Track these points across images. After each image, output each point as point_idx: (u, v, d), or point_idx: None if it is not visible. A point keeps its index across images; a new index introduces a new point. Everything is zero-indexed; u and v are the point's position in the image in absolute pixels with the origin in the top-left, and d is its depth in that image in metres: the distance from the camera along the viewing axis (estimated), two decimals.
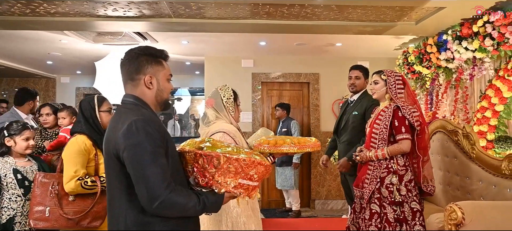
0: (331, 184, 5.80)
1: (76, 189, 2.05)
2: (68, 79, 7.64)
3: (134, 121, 1.26)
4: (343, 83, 5.64)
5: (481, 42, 3.35)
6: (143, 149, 1.23)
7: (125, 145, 1.24)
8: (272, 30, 3.94)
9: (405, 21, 3.70)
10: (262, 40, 4.78)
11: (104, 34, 4.30)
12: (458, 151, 2.94)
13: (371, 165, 2.42)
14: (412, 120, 2.34)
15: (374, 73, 2.55)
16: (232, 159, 1.32)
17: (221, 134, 1.99)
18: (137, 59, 1.39)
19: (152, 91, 1.40)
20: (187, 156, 1.38)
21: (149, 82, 1.38)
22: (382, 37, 4.46)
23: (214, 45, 5.03)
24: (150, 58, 1.40)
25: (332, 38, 4.60)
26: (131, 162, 1.24)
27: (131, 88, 1.40)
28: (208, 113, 2.13)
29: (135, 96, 1.39)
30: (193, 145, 1.45)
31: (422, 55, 4.38)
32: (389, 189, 2.35)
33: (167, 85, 1.44)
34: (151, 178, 1.21)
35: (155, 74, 1.39)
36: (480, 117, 3.73)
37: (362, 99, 3.18)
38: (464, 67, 3.91)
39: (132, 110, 1.33)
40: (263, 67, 5.82)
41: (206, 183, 1.35)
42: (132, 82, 1.39)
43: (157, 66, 1.40)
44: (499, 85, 3.47)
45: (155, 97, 1.41)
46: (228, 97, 2.15)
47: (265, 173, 1.43)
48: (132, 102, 1.38)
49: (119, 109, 1.42)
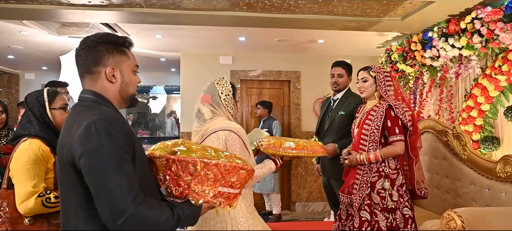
0: (312, 186, 5.63)
1: (35, 208, 1.64)
2: (33, 75, 7.14)
3: (93, 121, 1.06)
4: (324, 82, 5.48)
5: (469, 39, 3.23)
6: (104, 155, 1.04)
7: (82, 150, 1.05)
8: (253, 23, 3.71)
9: (391, 17, 3.55)
10: (242, 35, 4.54)
11: (69, 25, 3.94)
12: (447, 152, 2.81)
13: (361, 169, 2.22)
14: (405, 120, 2.18)
15: (361, 69, 2.35)
16: (211, 164, 1.16)
17: (227, 133, 1.78)
18: (95, 49, 1.18)
19: (115, 85, 1.21)
20: (158, 162, 1.20)
21: (111, 75, 1.19)
22: (365, 34, 4.33)
23: (191, 40, 4.75)
24: (111, 47, 1.20)
25: (314, 34, 4.42)
26: (90, 171, 1.04)
27: (89, 83, 1.20)
28: (204, 110, 1.90)
29: (94, 92, 1.19)
30: (164, 149, 1.25)
31: (406, 53, 4.26)
32: (381, 194, 2.16)
33: (133, 78, 1.25)
34: (115, 190, 1.02)
35: (117, 65, 1.21)
36: (466, 117, 3.64)
37: (347, 98, 2.99)
38: (450, 65, 3.81)
39: (91, 108, 1.14)
40: (242, 64, 5.58)
41: (181, 193, 1.17)
42: (91, 76, 1.20)
43: (119, 56, 1.21)
44: (486, 84, 3.37)
45: (119, 93, 1.22)
46: (226, 93, 1.92)
47: (247, 179, 1.27)
48: (91, 99, 1.19)
49: (75, 108, 1.22)
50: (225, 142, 1.77)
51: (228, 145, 1.77)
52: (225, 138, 1.77)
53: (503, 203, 2.26)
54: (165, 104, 8.90)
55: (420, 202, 2.97)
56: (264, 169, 1.84)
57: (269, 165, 1.86)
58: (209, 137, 1.82)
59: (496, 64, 3.21)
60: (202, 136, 1.86)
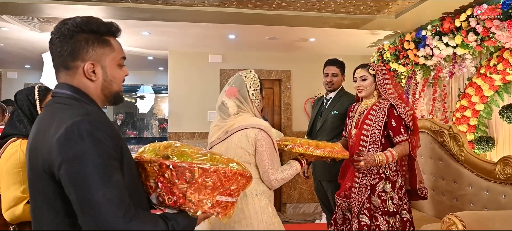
0: (303, 187, 5.54)
1: (24, 215, 1.50)
2: (16, 74, 6.89)
3: (75, 122, 0.91)
4: (316, 81, 5.41)
5: (464, 37, 3.18)
6: (89, 163, 0.89)
7: (63, 157, 0.89)
8: (243, 20, 3.59)
9: (384, 14, 3.48)
10: (232, 33, 4.42)
11: (51, 21, 3.76)
12: (444, 153, 2.73)
13: (359, 172, 2.12)
14: (407, 120, 2.08)
15: (359, 67, 2.25)
16: (210, 171, 1.04)
17: (257, 131, 1.67)
18: (72, 39, 1.00)
19: (95, 83, 1.04)
20: (149, 168, 1.06)
21: (90, 72, 1.02)
22: (357, 33, 4.26)
23: (179, 38, 4.61)
24: (92, 37, 1.01)
25: (306, 32, 4.33)
26: (72, 182, 0.89)
27: (65, 78, 1.03)
28: (229, 104, 1.77)
29: (72, 86, 1.02)
30: (155, 152, 1.11)
31: (399, 52, 4.20)
32: (381, 197, 2.06)
33: (117, 73, 1.08)
34: (103, 204, 0.88)
35: (99, 60, 1.03)
36: (460, 117, 3.59)
37: (340, 97, 2.89)
38: (443, 65, 3.76)
39: (71, 107, 0.98)
40: (232, 63, 5.46)
41: (175, 203, 1.04)
42: (67, 71, 1.02)
43: (102, 48, 1.03)
44: (480, 83, 3.32)
45: (101, 90, 1.05)
46: (255, 87, 1.80)
47: (245, 186, 1.16)
48: (70, 95, 1.01)
49: (50, 106, 1.04)
50: (255, 142, 1.67)
51: (257, 145, 1.67)
52: (254, 137, 1.67)
53: (502, 205, 2.19)
54: (153, 104, 8.73)
55: (415, 204, 2.89)
56: (291, 170, 1.74)
57: (295, 166, 1.77)
58: (235, 134, 1.70)
59: (491, 63, 3.16)
60: (226, 132, 1.74)
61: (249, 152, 1.68)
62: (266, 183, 1.70)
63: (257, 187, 1.69)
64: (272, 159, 1.69)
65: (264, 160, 1.67)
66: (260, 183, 1.71)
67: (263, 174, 1.68)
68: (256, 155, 1.68)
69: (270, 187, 1.72)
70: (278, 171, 1.70)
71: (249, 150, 1.68)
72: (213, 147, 1.83)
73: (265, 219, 1.66)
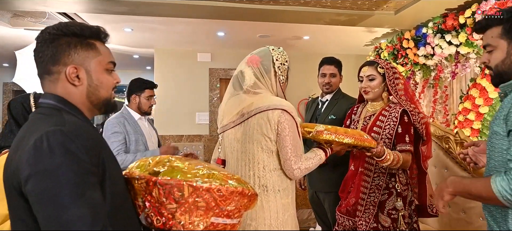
0: (297, 192, 5.29)
1: None
2: None
3: (45, 133, 0.83)
4: (310, 81, 5.17)
5: (469, 35, 2.96)
6: (59, 178, 0.79)
7: (29, 171, 0.80)
8: (233, 16, 3.34)
9: (384, 10, 3.25)
10: (221, 30, 4.17)
11: (22, 15, 3.47)
12: (449, 160, 2.50)
13: (366, 187, 1.86)
14: (421, 129, 1.84)
15: (365, 65, 1.98)
16: (201, 189, 0.93)
17: (280, 113, 1.44)
18: (53, 43, 0.94)
19: (80, 88, 0.97)
20: (137, 185, 0.97)
21: (74, 77, 0.95)
22: (353, 31, 4.03)
23: (165, 35, 4.34)
24: (74, 40, 0.95)
25: (299, 29, 4.09)
26: (39, 199, 0.80)
27: (49, 85, 0.97)
28: (247, 73, 1.53)
29: (56, 96, 0.96)
30: (145, 167, 1.00)
31: (397, 51, 3.98)
32: (392, 216, 1.80)
33: (105, 78, 1.00)
34: (73, 224, 0.78)
35: (82, 63, 0.96)
36: (462, 120, 3.37)
37: (338, 100, 2.61)
38: (445, 64, 3.54)
39: (48, 117, 0.90)
40: (221, 62, 5.20)
41: (163, 224, 0.95)
42: (49, 77, 0.96)
43: (85, 51, 0.97)
44: (485, 84, 3.11)
45: (86, 97, 0.98)
46: (282, 61, 1.55)
47: (248, 205, 1.04)
48: (52, 104, 0.95)
49: (31, 117, 0.97)
50: (278, 125, 1.44)
51: (279, 128, 1.44)
52: (278, 120, 1.44)
53: None
54: None
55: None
56: (315, 159, 1.52)
57: (320, 155, 1.54)
58: (254, 117, 1.47)
59: None
60: (242, 115, 1.49)
61: (270, 138, 1.45)
62: (287, 173, 1.47)
63: (280, 182, 1.47)
64: (296, 146, 1.45)
65: (287, 146, 1.44)
66: (282, 176, 1.48)
67: (285, 162, 1.45)
68: (278, 140, 1.45)
69: (291, 177, 1.49)
70: (302, 159, 1.47)
71: (271, 136, 1.45)
72: (225, 132, 1.57)
73: (286, 220, 1.45)
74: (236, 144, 1.52)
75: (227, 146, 1.58)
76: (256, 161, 1.47)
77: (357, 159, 2.01)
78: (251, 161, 1.47)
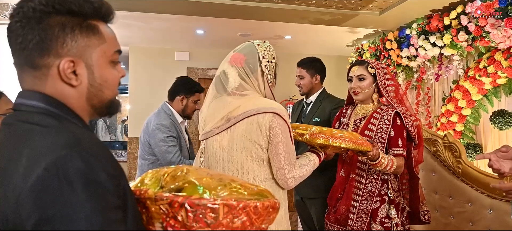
0: None
1: None
2: None
3: (60, 159, 0.59)
4: (291, 82, 5.04)
5: (454, 36, 2.93)
6: (83, 223, 0.57)
7: (40, 216, 0.56)
8: (213, 12, 3.19)
9: (369, 10, 3.18)
10: (200, 28, 4.00)
11: None
12: (437, 164, 2.45)
13: (358, 194, 1.76)
14: (413, 132, 1.76)
15: (355, 64, 1.88)
16: (238, 208, 0.76)
17: (271, 117, 1.30)
18: (41, 24, 0.67)
19: (78, 89, 0.71)
20: (154, 207, 0.76)
21: (69, 73, 0.69)
22: (335, 31, 3.96)
23: (141, 32, 4.12)
24: (71, 21, 0.69)
25: (281, 29, 3.98)
26: None
27: (32, 82, 0.70)
28: (231, 73, 1.38)
29: (45, 95, 0.69)
30: (159, 182, 0.80)
31: (380, 52, 3.94)
32: (385, 225, 1.71)
33: (110, 74, 0.75)
34: None
35: (82, 55, 0.70)
36: (445, 122, 3.36)
37: (322, 101, 2.52)
38: (428, 66, 3.52)
39: (48, 130, 0.65)
40: (200, 61, 5.02)
41: None
42: (34, 72, 0.69)
43: (86, 37, 0.70)
44: (468, 86, 3.10)
45: (86, 100, 0.73)
46: (269, 58, 1.40)
47: (272, 222, 0.88)
48: (43, 109, 0.68)
49: (12, 125, 0.69)
50: (269, 130, 1.30)
51: (272, 135, 1.30)
52: (269, 125, 1.30)
53: (510, 227, 1.92)
54: None
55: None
56: (309, 166, 1.40)
57: (314, 161, 1.43)
58: (241, 122, 1.32)
59: (481, 64, 2.93)
60: (227, 120, 1.34)
61: (261, 146, 1.31)
62: (280, 183, 1.34)
63: (272, 193, 1.33)
64: (289, 153, 1.32)
65: (280, 153, 1.30)
66: (274, 186, 1.34)
67: (277, 171, 1.32)
68: (269, 148, 1.31)
69: (285, 187, 1.36)
70: (296, 167, 1.34)
71: (262, 143, 1.31)
72: (209, 139, 1.41)
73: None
74: (222, 153, 1.37)
75: (211, 155, 1.42)
76: (245, 171, 1.32)
77: (348, 164, 1.91)
78: (239, 171, 1.32)
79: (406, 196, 1.86)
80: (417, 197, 1.81)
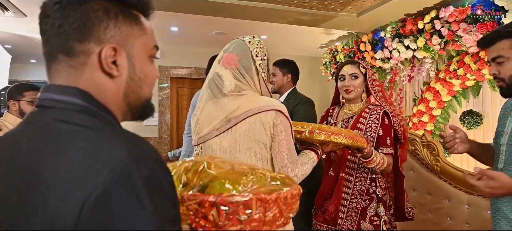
0: None
1: None
2: None
3: (124, 167, 0.52)
4: None
5: (428, 40, 3.05)
6: None
7: (105, 227, 0.50)
8: (188, 9, 3.10)
9: (347, 12, 3.24)
10: (174, 25, 3.88)
11: None
12: (415, 162, 2.54)
13: (347, 193, 1.77)
14: (399, 131, 1.79)
15: (347, 63, 1.89)
16: (270, 200, 0.72)
17: (274, 115, 1.26)
18: (82, 6, 0.60)
19: (117, 82, 0.63)
20: (181, 208, 0.70)
21: (110, 62, 0.62)
22: (310, 32, 4.00)
23: None
24: (114, 7, 0.63)
25: (258, 28, 3.95)
26: None
27: (66, 72, 0.61)
28: (225, 76, 1.32)
29: (82, 91, 0.60)
30: (178, 178, 0.75)
31: (354, 54, 4.03)
32: (374, 223, 1.73)
33: (149, 69, 0.68)
34: None
35: (124, 43, 0.64)
36: (417, 122, 3.50)
37: (289, 100, 2.53)
38: (400, 68, 3.65)
39: (95, 132, 0.56)
40: (172, 60, 4.88)
41: None
42: (69, 60, 0.61)
43: (129, 25, 0.64)
44: (439, 88, 3.24)
45: (123, 95, 0.65)
46: (262, 56, 1.35)
47: (297, 210, 0.85)
48: (81, 106, 0.59)
49: (44, 125, 0.58)
50: (273, 128, 1.26)
51: (275, 132, 1.26)
52: (273, 123, 1.26)
53: (487, 221, 2.02)
54: None
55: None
56: (309, 164, 1.36)
57: (313, 158, 1.40)
58: (243, 122, 1.27)
59: (451, 67, 3.08)
60: (227, 121, 1.29)
61: (265, 144, 1.27)
62: None
63: None
64: (291, 150, 1.29)
65: (283, 151, 1.27)
66: None
67: (280, 170, 1.28)
68: (272, 145, 1.28)
69: None
70: (298, 165, 1.31)
71: (266, 142, 1.27)
72: (207, 142, 1.35)
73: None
74: (222, 155, 1.32)
75: None
76: None
77: (336, 163, 1.91)
78: None
79: (391, 194, 1.90)
80: (402, 194, 1.86)
